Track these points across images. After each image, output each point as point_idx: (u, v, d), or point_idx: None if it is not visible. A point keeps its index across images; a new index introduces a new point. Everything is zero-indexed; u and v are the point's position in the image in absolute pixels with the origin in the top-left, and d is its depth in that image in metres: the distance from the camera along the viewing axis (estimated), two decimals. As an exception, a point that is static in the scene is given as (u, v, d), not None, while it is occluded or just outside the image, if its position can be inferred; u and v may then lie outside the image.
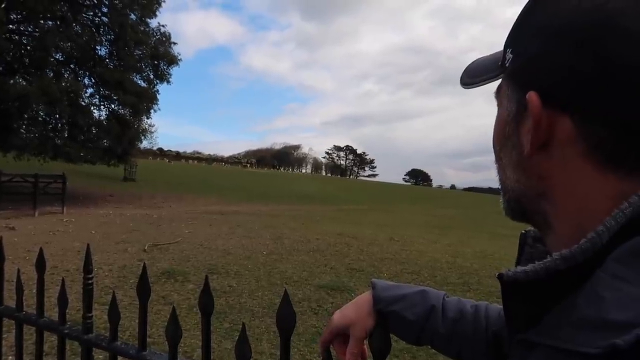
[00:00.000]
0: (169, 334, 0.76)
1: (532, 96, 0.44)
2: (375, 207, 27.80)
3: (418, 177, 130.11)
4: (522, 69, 0.47)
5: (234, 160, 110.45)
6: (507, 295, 0.47)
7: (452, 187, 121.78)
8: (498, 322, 0.73)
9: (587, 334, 0.37)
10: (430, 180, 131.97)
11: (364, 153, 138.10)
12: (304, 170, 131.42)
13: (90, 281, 0.96)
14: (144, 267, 0.88)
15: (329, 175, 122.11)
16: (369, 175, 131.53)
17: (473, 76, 0.57)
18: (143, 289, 0.83)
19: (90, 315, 0.97)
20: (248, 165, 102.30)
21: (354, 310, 0.77)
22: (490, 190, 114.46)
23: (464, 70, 0.61)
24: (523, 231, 0.59)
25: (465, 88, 0.59)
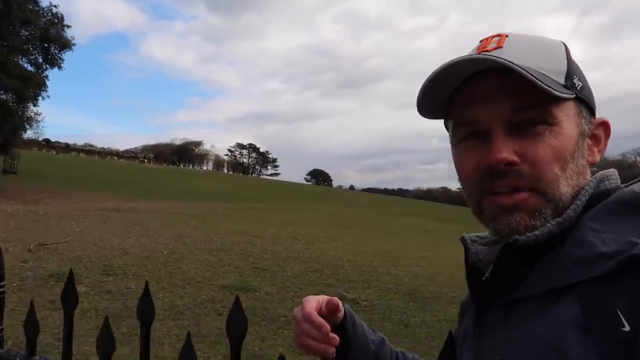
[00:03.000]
0: (100, 344, 0.71)
1: (607, 122, 0.64)
2: (277, 205, 27.89)
3: (319, 177, 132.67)
4: (589, 98, 0.62)
5: (130, 155, 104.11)
6: (505, 260, 0.59)
7: (351, 187, 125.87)
8: None
9: (584, 267, 0.51)
10: (331, 181, 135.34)
11: (267, 152, 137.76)
12: (205, 167, 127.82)
13: (1, 289, 0.86)
14: (71, 272, 0.82)
15: (231, 173, 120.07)
16: (271, 174, 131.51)
17: (538, 77, 0.55)
18: (70, 296, 0.76)
19: (1, 328, 0.86)
20: (146, 160, 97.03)
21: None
22: (385, 191, 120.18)
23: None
24: (461, 236, 0.71)
25: (529, 78, 0.55)
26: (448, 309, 6.63)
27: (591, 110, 0.62)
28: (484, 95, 0.59)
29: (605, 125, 0.64)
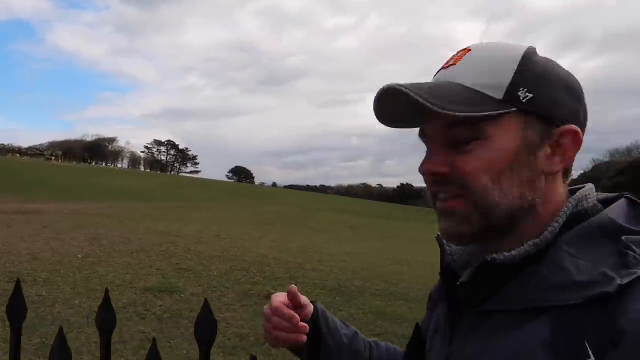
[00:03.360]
0: (54, 356, 0.68)
1: (573, 129, 0.61)
2: (199, 204, 27.19)
3: (241, 174, 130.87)
4: (547, 107, 0.60)
5: (35, 152, 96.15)
6: (480, 276, 0.62)
7: (274, 184, 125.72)
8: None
9: (559, 292, 0.54)
10: (253, 178, 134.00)
11: (186, 149, 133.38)
12: (120, 165, 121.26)
13: None
14: (18, 283, 0.77)
15: (149, 170, 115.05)
16: (191, 172, 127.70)
17: (458, 103, 0.59)
18: (18, 307, 0.71)
19: None
20: (53, 157, 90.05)
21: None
22: (308, 188, 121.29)
23: (427, 92, 0.59)
24: (437, 235, 0.70)
25: (442, 111, 0.58)
26: (373, 302, 6.87)
27: (549, 119, 0.61)
28: (427, 114, 0.60)
29: (572, 134, 0.61)
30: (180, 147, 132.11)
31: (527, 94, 0.59)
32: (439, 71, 0.67)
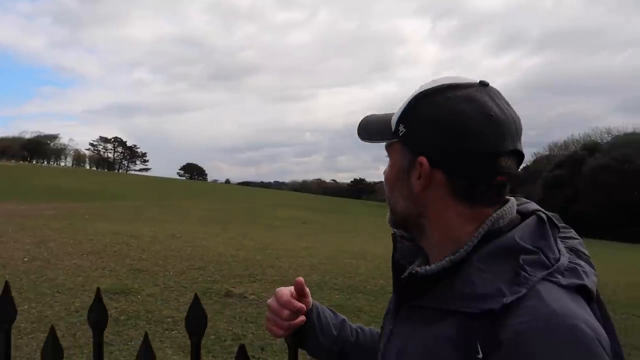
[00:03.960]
0: (46, 354, 0.68)
1: (423, 160, 0.74)
2: (150, 202, 26.45)
3: (193, 171, 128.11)
4: (413, 140, 0.76)
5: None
6: (407, 281, 0.75)
7: (227, 181, 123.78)
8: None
9: (465, 301, 0.67)
10: (206, 175, 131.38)
11: (134, 146, 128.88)
12: (63, 163, 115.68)
13: None
14: (7, 285, 0.76)
15: (95, 169, 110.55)
16: (140, 169, 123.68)
17: (371, 134, 0.84)
18: (5, 309, 0.70)
19: None
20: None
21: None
22: (262, 184, 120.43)
23: (360, 126, 0.86)
24: (393, 232, 0.86)
25: (363, 141, 0.85)
26: (332, 295, 6.97)
27: (413, 150, 0.76)
28: None
29: (421, 163, 0.74)
30: (128, 144, 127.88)
31: (403, 128, 0.77)
32: None
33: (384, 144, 0.83)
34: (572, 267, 0.69)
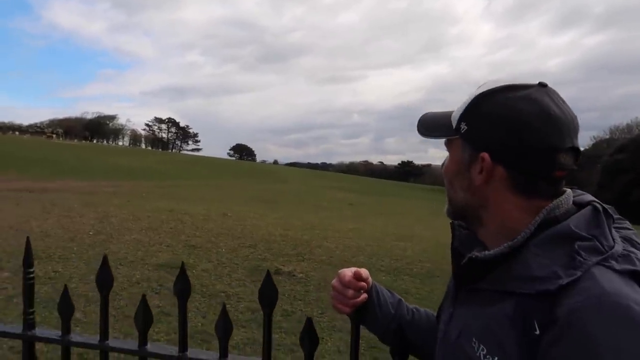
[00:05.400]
0: (218, 329, 0.84)
1: (485, 155, 0.79)
2: (202, 182, 27.35)
3: (242, 152, 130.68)
4: (474, 137, 0.82)
5: (35, 130, 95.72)
6: (467, 265, 0.83)
7: (275, 162, 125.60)
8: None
9: (522, 283, 0.73)
10: (254, 155, 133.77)
11: (187, 126, 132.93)
12: (120, 143, 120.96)
13: (31, 275, 0.91)
14: (105, 258, 0.89)
15: (150, 148, 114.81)
16: (192, 150, 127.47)
17: (430, 130, 0.91)
18: (105, 278, 0.84)
19: (32, 310, 0.92)
20: (54, 135, 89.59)
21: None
22: (309, 165, 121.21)
23: (420, 122, 0.93)
24: (450, 222, 0.93)
25: (422, 137, 0.91)
26: (379, 277, 7.05)
27: (475, 146, 0.81)
28: None
29: (483, 158, 0.80)
30: (181, 124, 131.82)
31: (465, 126, 0.83)
32: None
33: (443, 139, 0.90)
34: (626, 254, 0.73)
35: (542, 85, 0.79)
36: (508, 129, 0.77)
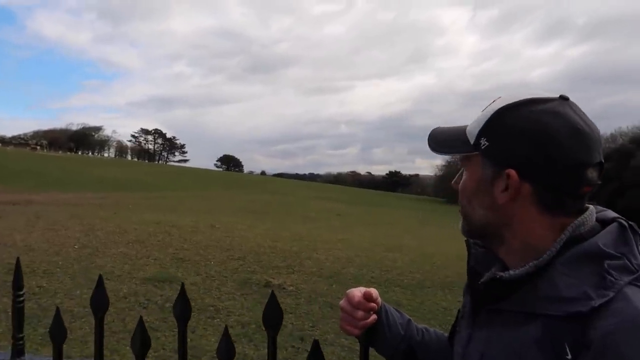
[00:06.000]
0: (220, 353, 0.79)
1: (511, 172, 0.75)
2: (190, 193, 27.13)
3: (230, 162, 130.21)
4: (497, 153, 0.77)
5: (19, 142, 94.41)
6: (488, 285, 0.79)
7: (263, 173, 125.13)
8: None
9: (550, 304, 0.70)
10: (242, 166, 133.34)
11: (174, 137, 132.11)
12: (106, 154, 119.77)
13: (21, 299, 0.87)
14: (100, 278, 0.86)
15: (136, 159, 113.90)
16: (179, 161, 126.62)
17: (442, 146, 0.87)
18: (100, 300, 0.80)
19: (21, 335, 0.87)
20: (38, 147, 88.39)
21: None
22: (297, 176, 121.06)
23: (431, 137, 0.89)
24: (465, 239, 0.89)
25: (435, 153, 0.89)
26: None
27: (499, 163, 0.77)
28: None
29: (508, 175, 0.75)
30: (168, 135, 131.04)
31: (486, 142, 0.78)
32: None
33: (453, 154, 0.87)
34: None
35: (563, 98, 0.76)
36: (534, 143, 0.74)
